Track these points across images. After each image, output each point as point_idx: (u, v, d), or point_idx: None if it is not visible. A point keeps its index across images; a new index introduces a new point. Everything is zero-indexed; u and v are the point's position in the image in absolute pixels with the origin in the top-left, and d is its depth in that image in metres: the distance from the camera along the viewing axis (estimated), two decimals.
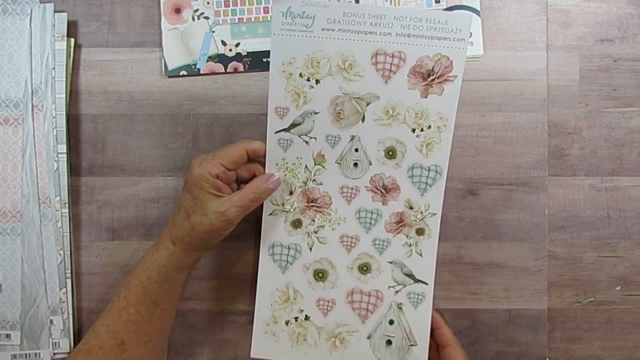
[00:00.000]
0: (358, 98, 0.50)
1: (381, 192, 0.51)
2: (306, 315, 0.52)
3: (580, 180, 0.56)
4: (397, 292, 0.51)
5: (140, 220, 0.56)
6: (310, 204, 0.52)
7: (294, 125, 0.51)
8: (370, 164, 0.51)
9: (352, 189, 0.51)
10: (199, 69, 0.56)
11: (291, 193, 0.52)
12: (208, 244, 0.48)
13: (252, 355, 0.52)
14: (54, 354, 0.55)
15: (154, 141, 0.56)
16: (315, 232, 0.52)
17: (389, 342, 0.52)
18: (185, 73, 0.56)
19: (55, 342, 0.54)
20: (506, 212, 0.56)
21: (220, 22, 0.56)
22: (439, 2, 0.55)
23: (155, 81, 0.56)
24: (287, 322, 0.52)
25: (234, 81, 0.56)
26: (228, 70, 0.56)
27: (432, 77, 0.49)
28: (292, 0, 0.48)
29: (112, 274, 0.56)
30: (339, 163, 0.51)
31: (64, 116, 0.55)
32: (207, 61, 0.56)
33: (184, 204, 0.48)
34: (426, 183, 0.51)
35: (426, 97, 0.50)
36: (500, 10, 0.56)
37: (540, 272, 0.56)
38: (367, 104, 0.50)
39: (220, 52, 0.56)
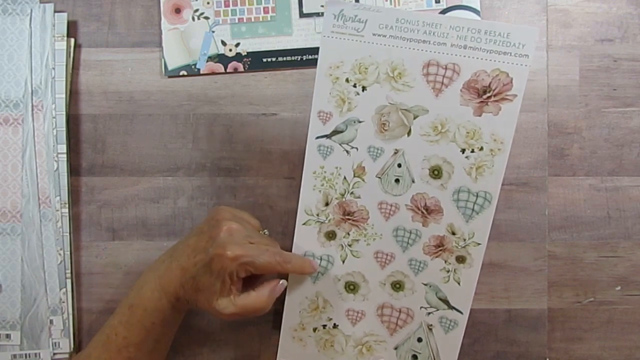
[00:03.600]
0: (405, 110, 0.47)
1: (422, 212, 0.48)
2: (335, 324, 0.51)
3: (580, 180, 0.56)
4: (429, 313, 0.50)
5: (140, 220, 0.56)
6: (346, 217, 0.49)
7: (336, 132, 0.48)
8: (413, 181, 0.48)
9: (391, 205, 0.48)
10: (199, 69, 0.56)
11: (327, 204, 0.49)
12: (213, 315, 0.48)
13: (278, 358, 0.52)
14: (54, 354, 0.55)
15: (154, 141, 0.56)
16: (350, 246, 0.50)
17: (414, 357, 0.51)
18: (185, 73, 0.56)
19: (55, 342, 0.54)
20: (506, 212, 0.56)
21: (220, 22, 0.56)
22: (438, 2, 0.55)
23: (155, 81, 0.56)
24: (314, 329, 0.51)
25: (234, 81, 0.56)
26: (228, 70, 0.56)
27: (488, 94, 0.46)
28: (345, 3, 0.47)
29: (112, 274, 0.56)
30: (379, 177, 0.48)
31: (64, 116, 0.55)
32: (207, 61, 0.56)
33: (199, 278, 0.45)
34: (472, 209, 0.47)
35: (480, 115, 0.46)
36: (500, 10, 0.56)
37: (540, 272, 0.56)
38: (415, 117, 0.47)
39: (220, 52, 0.56)
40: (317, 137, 0.48)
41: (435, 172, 0.47)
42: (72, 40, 0.56)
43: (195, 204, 0.56)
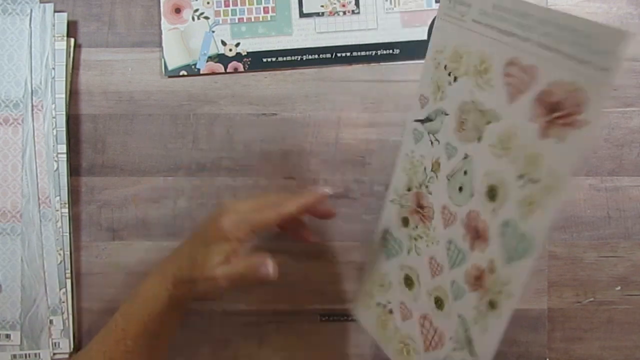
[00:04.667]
0: (482, 111, 0.41)
1: (472, 233, 0.41)
2: (390, 309, 0.49)
3: (580, 180, 0.56)
4: (454, 349, 0.44)
5: (140, 220, 0.56)
6: (418, 209, 0.46)
7: (427, 119, 0.45)
8: (472, 195, 0.41)
9: (451, 214, 0.43)
10: (199, 69, 0.56)
11: (409, 189, 0.47)
12: (210, 293, 0.46)
13: (353, 310, 0.53)
14: (54, 354, 0.55)
15: (154, 141, 0.56)
16: (415, 239, 0.46)
17: None
18: (185, 73, 0.56)
19: (55, 342, 0.54)
20: None
21: (220, 22, 0.56)
22: (438, 1, 0.55)
23: (155, 81, 0.56)
24: (378, 304, 0.50)
25: (234, 81, 0.56)
26: (228, 70, 0.56)
27: (557, 114, 0.36)
28: None
29: (112, 274, 0.56)
30: (449, 179, 0.43)
31: (64, 116, 0.55)
32: (207, 61, 0.56)
33: (191, 254, 0.46)
34: (516, 250, 0.38)
35: (545, 137, 0.36)
36: None
37: (540, 272, 0.56)
38: (487, 122, 0.40)
39: (220, 52, 0.56)
40: (415, 120, 0.46)
41: (492, 192, 0.40)
42: (72, 40, 0.56)
43: (195, 204, 0.56)
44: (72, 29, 0.56)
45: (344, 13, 0.56)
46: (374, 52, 0.56)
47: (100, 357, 0.47)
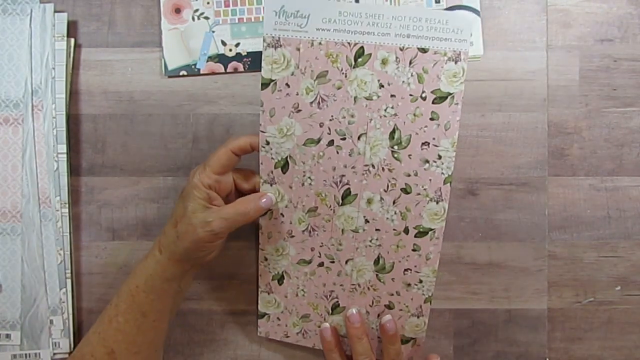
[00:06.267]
0: None
1: None
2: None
3: (580, 180, 0.56)
4: None
5: (140, 220, 0.56)
6: None
7: None
8: None
9: None
10: (199, 69, 0.56)
11: None
12: (193, 256, 0.47)
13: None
14: (54, 354, 0.55)
15: (154, 141, 0.56)
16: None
17: None
18: (185, 73, 0.56)
19: (55, 342, 0.54)
20: (506, 212, 0.56)
21: (220, 22, 0.56)
22: (438, 2, 0.55)
23: (155, 81, 0.56)
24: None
25: (234, 81, 0.56)
26: (228, 70, 0.56)
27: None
28: None
29: (112, 274, 0.56)
30: None
31: (64, 116, 0.55)
32: (207, 61, 0.56)
33: (175, 213, 0.48)
34: None
35: None
36: (500, 10, 0.56)
37: (540, 272, 0.56)
38: None
39: (220, 52, 0.56)
40: None
41: None
42: (72, 40, 0.56)
43: None
44: (72, 29, 0.56)
45: None
46: None
47: (95, 338, 0.48)
